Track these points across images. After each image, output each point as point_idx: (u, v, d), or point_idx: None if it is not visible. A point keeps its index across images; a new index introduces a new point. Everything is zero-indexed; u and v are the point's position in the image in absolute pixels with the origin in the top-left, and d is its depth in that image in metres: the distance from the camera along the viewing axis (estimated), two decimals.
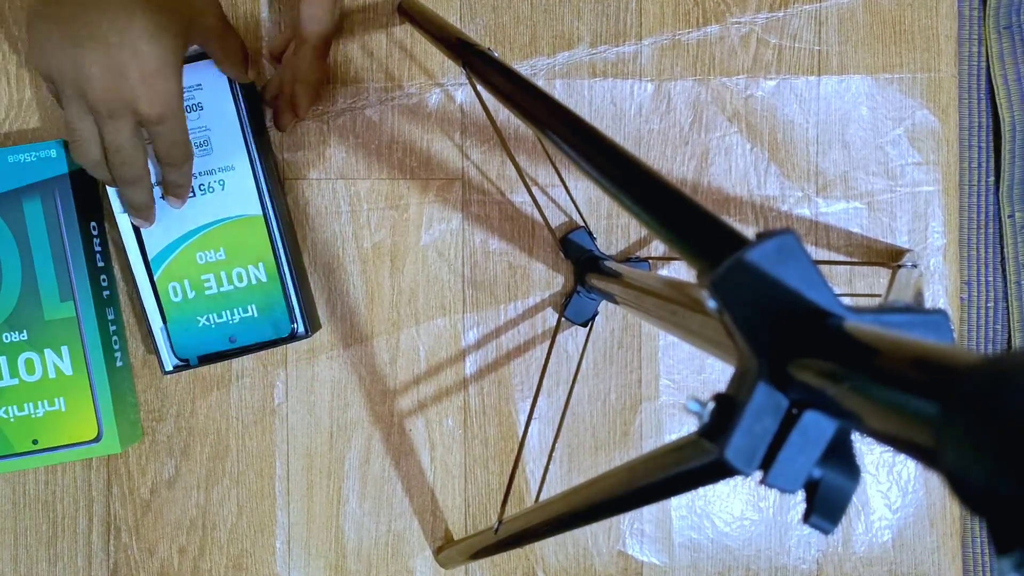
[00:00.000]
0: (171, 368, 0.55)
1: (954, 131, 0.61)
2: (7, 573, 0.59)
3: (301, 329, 0.54)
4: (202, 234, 0.52)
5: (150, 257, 0.53)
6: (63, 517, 0.59)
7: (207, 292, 0.53)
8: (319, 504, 0.60)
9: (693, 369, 0.61)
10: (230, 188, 0.52)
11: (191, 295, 0.53)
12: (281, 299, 0.53)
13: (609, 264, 0.55)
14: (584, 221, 0.60)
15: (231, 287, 0.53)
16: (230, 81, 0.53)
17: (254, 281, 0.53)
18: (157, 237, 0.52)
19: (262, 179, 0.53)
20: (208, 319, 0.53)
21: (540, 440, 0.61)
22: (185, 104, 0.51)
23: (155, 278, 0.53)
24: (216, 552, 0.60)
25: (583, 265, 0.58)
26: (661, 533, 0.61)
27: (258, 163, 0.53)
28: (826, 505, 0.22)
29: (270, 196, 0.53)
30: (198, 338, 0.53)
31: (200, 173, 0.52)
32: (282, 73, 0.57)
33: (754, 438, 0.22)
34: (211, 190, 0.52)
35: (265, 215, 0.53)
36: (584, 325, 0.60)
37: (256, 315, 0.53)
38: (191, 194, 0.52)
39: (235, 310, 0.53)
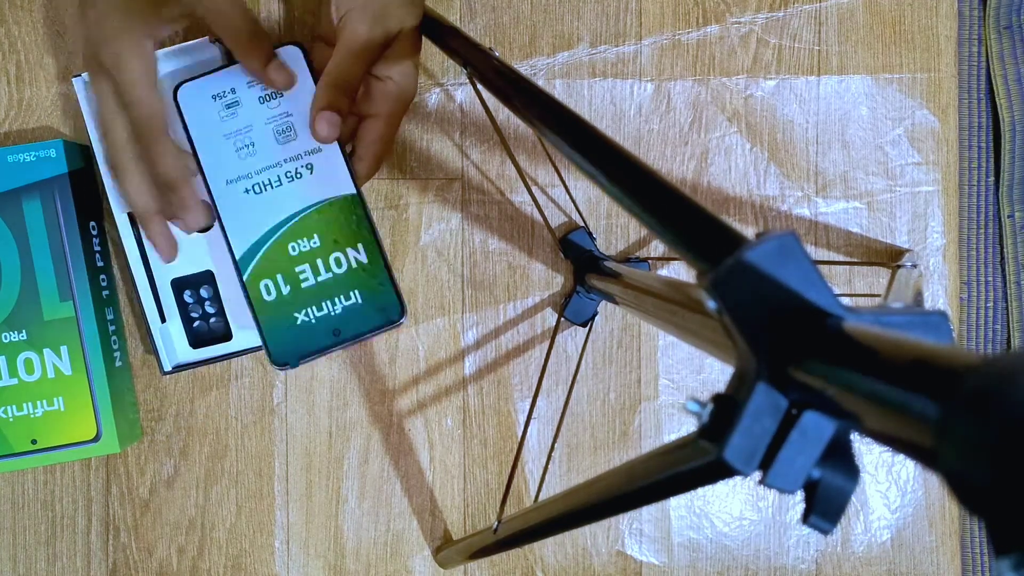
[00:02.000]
0: (170, 369, 0.55)
1: (954, 131, 0.61)
2: (6, 573, 0.59)
3: (405, 317, 0.49)
4: (294, 223, 0.49)
5: (237, 257, 0.49)
6: (62, 517, 0.59)
7: (304, 285, 0.48)
8: (318, 504, 0.60)
9: (692, 369, 0.61)
10: (319, 170, 0.49)
11: (286, 291, 0.48)
12: (387, 280, 0.48)
13: (609, 264, 0.55)
14: (584, 221, 0.60)
15: (330, 275, 0.48)
16: (308, 63, 0.50)
17: (354, 265, 0.48)
18: (242, 235, 0.49)
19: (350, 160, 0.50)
20: (308, 314, 0.48)
21: (539, 440, 0.61)
22: (262, 91, 0.49)
23: (244, 279, 0.48)
24: (215, 552, 0.60)
25: (583, 265, 0.58)
26: (660, 533, 0.61)
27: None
28: (825, 505, 0.22)
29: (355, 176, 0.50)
30: (298, 337, 0.48)
31: (286, 160, 0.49)
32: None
33: (753, 438, 0.22)
34: (299, 176, 0.49)
35: (359, 192, 0.49)
36: (584, 325, 0.60)
37: (360, 301, 0.48)
38: (277, 183, 0.49)
39: (337, 299, 0.48)
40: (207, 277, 0.55)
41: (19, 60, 0.58)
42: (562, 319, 0.59)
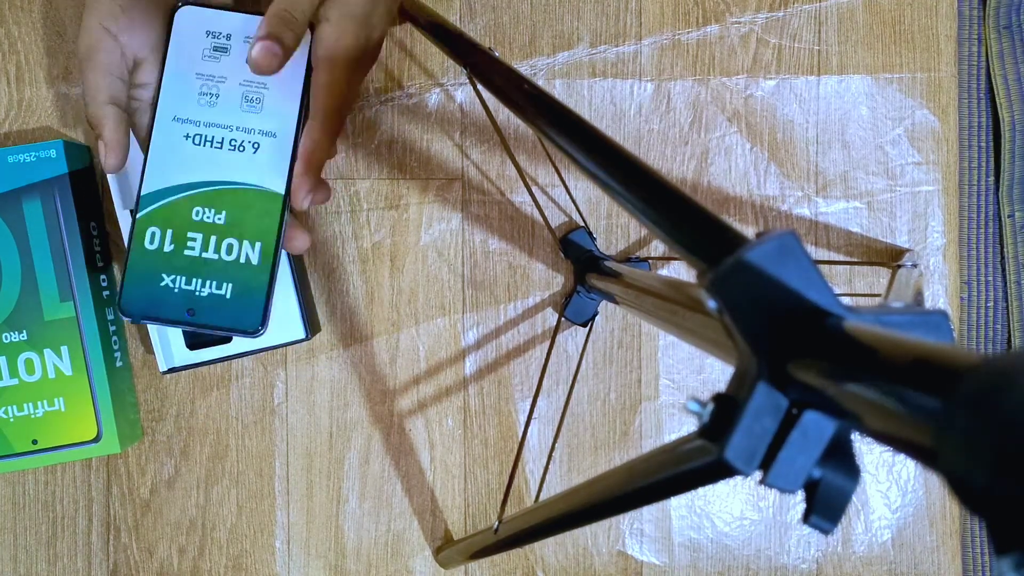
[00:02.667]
0: (166, 368, 0.55)
1: (954, 131, 0.61)
2: (6, 573, 0.59)
3: (262, 329, 0.47)
4: (212, 190, 0.46)
5: (142, 192, 0.46)
6: (62, 517, 0.59)
7: (187, 252, 0.46)
8: (319, 504, 0.60)
9: (693, 369, 0.61)
10: (263, 154, 0.47)
11: (168, 248, 0.46)
12: (264, 290, 0.47)
13: (609, 264, 0.55)
14: (584, 221, 0.60)
15: (216, 256, 0.46)
16: (310, 51, 0.47)
17: (243, 259, 0.46)
18: (159, 174, 0.46)
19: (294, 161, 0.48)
20: (175, 281, 0.46)
21: (540, 440, 0.61)
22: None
23: (137, 216, 0.45)
24: (216, 552, 0.60)
25: (583, 265, 0.58)
26: (661, 533, 0.61)
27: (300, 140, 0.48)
28: (826, 505, 0.22)
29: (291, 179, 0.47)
30: (154, 297, 0.46)
31: (239, 128, 0.47)
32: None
33: (754, 438, 0.22)
34: (242, 149, 0.47)
35: (287, 197, 0.47)
36: (584, 325, 0.60)
37: (228, 296, 0.46)
38: (217, 145, 0.47)
39: (208, 282, 0.46)
40: None
41: (19, 60, 0.58)
42: (562, 319, 0.59)
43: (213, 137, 0.47)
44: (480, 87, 0.44)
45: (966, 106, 0.63)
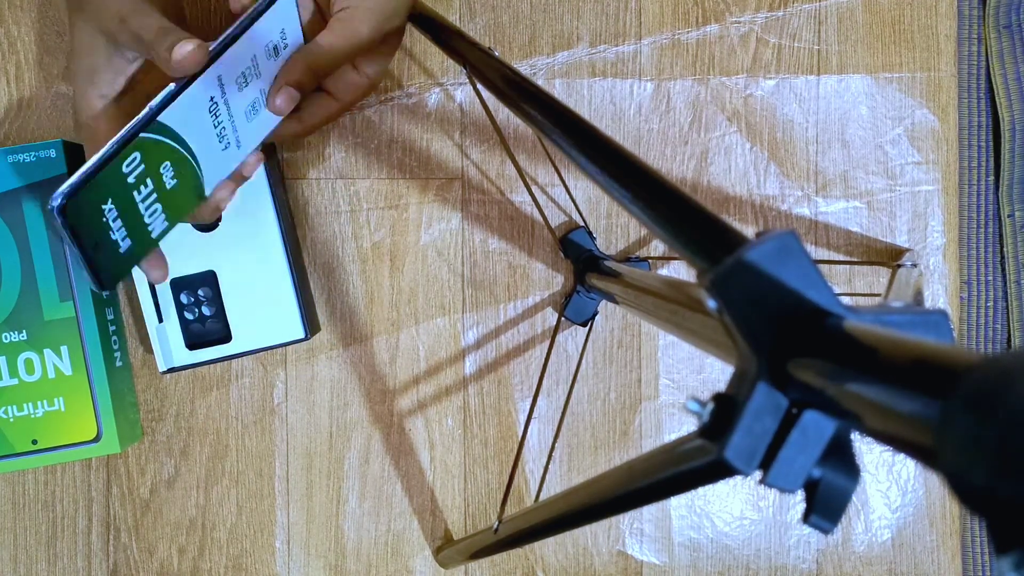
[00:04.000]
0: (166, 368, 0.55)
1: (954, 130, 0.61)
2: (7, 573, 0.59)
3: (106, 292, 0.45)
4: (185, 156, 0.45)
5: (160, 118, 0.42)
6: (62, 517, 0.59)
7: (134, 192, 0.43)
8: (319, 504, 0.60)
9: (693, 369, 0.61)
10: (225, 156, 0.47)
11: (131, 180, 0.42)
12: (139, 259, 0.44)
13: (609, 264, 0.55)
14: (584, 221, 0.60)
15: (143, 212, 0.44)
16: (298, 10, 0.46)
17: (150, 228, 0.44)
18: (178, 113, 0.43)
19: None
20: (110, 209, 0.42)
21: (540, 440, 0.61)
22: (278, 39, 0.46)
23: (142, 135, 0.42)
24: (216, 552, 0.60)
25: (583, 265, 0.58)
26: (661, 533, 0.61)
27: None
28: (826, 505, 0.22)
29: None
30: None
31: (234, 120, 0.46)
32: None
33: (754, 438, 0.22)
34: (221, 139, 0.46)
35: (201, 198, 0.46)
36: (584, 325, 0.60)
37: (121, 251, 0.43)
38: (216, 124, 0.45)
39: (122, 229, 0.43)
40: (207, 278, 0.55)
41: (19, 60, 0.58)
42: (562, 319, 0.59)
43: (218, 115, 0.46)
44: (480, 87, 0.44)
45: (966, 106, 0.63)
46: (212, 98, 0.45)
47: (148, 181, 0.44)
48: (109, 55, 0.43)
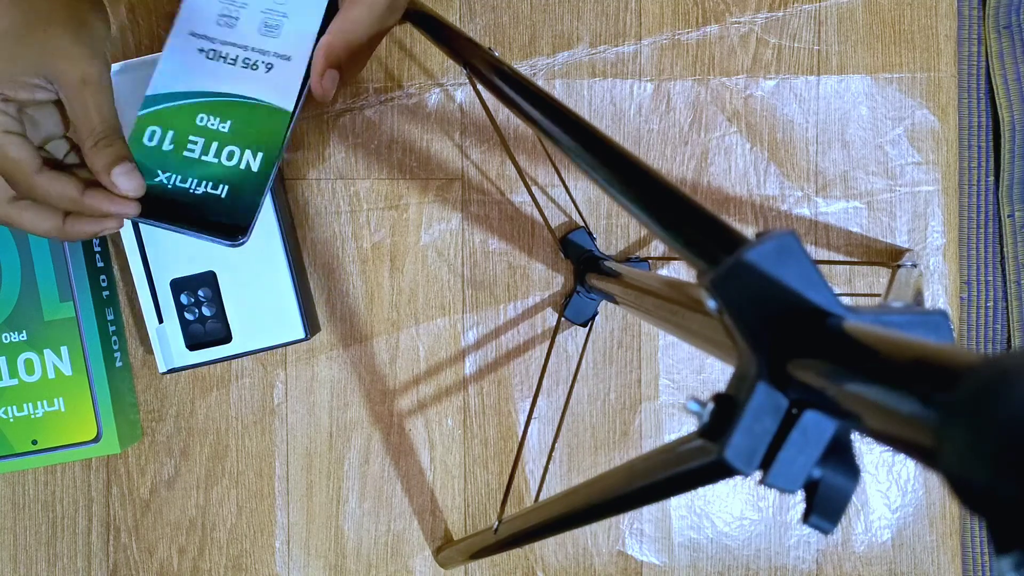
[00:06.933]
0: (166, 369, 0.55)
1: (954, 131, 0.61)
2: (6, 573, 0.59)
3: (244, 239, 0.45)
4: (218, 100, 0.47)
5: (148, 93, 0.45)
6: (62, 517, 0.59)
7: (186, 154, 0.45)
8: (319, 504, 0.60)
9: (693, 369, 0.61)
10: (275, 74, 0.47)
11: (167, 147, 0.45)
12: (259, 196, 0.45)
13: (609, 264, 0.55)
14: (584, 221, 0.60)
15: (215, 160, 0.46)
16: None
17: (243, 166, 0.46)
18: (168, 79, 0.46)
19: (306, 83, 0.48)
20: (171, 179, 0.45)
21: (540, 440, 0.61)
22: None
23: (140, 113, 0.45)
24: (216, 552, 0.60)
25: (583, 265, 0.58)
26: (661, 533, 0.61)
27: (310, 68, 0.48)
28: (826, 505, 0.22)
29: (300, 100, 0.47)
30: (147, 191, 0.44)
31: (254, 49, 0.47)
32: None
33: (754, 438, 0.22)
34: (255, 68, 0.47)
35: (293, 114, 0.47)
36: (584, 325, 0.60)
37: (223, 197, 0.45)
38: (231, 62, 0.47)
39: (205, 183, 0.45)
40: (207, 278, 0.55)
41: None
42: (562, 319, 0.59)
43: (227, 54, 0.47)
44: (480, 87, 0.44)
45: (966, 106, 0.63)
46: (201, 50, 0.46)
47: (191, 138, 0.45)
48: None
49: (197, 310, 0.56)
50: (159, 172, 0.45)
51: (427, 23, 0.49)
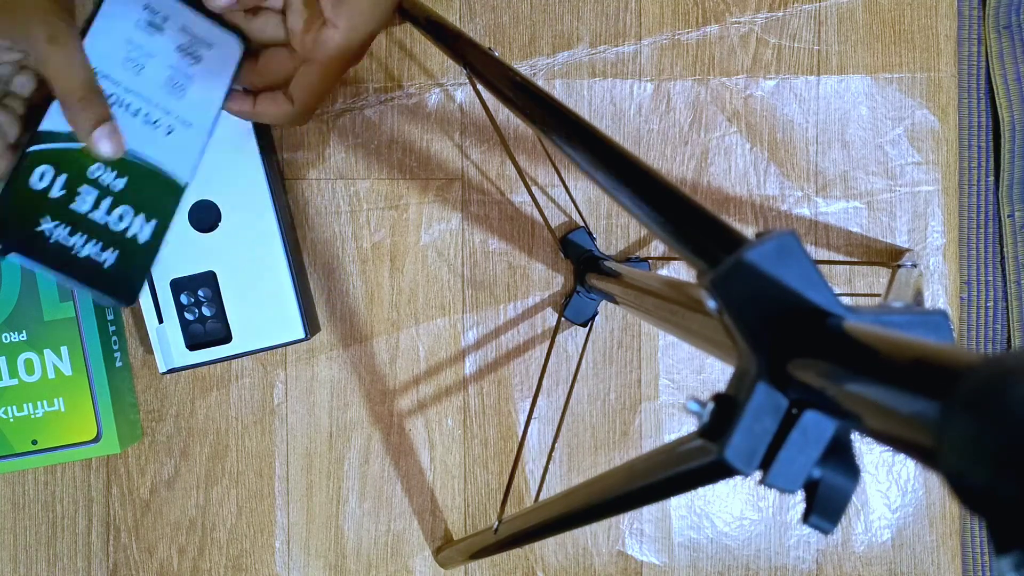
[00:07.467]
0: (166, 369, 0.55)
1: (954, 131, 0.61)
2: (6, 573, 0.59)
3: (127, 306, 0.45)
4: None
5: (41, 128, 0.42)
6: (62, 517, 0.59)
7: (73, 207, 0.42)
8: (319, 504, 0.60)
9: (693, 369, 0.61)
10: (175, 140, 0.46)
11: (56, 194, 0.42)
12: (146, 266, 0.44)
13: (609, 264, 0.55)
14: (584, 221, 0.60)
15: (104, 220, 0.43)
16: (239, 62, 0.48)
17: (131, 232, 0.44)
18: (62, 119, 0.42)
19: (204, 155, 0.47)
20: (54, 232, 0.41)
21: (540, 440, 0.61)
22: (186, 40, 0.46)
23: (28, 149, 0.41)
24: (215, 552, 0.60)
25: (583, 265, 0.58)
26: (661, 533, 0.61)
27: (211, 136, 0.47)
28: (826, 505, 0.22)
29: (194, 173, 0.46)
30: (27, 236, 0.42)
31: (156, 104, 0.46)
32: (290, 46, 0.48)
33: (754, 438, 0.22)
34: (156, 126, 0.46)
35: (185, 187, 0.46)
36: (584, 325, 0.60)
37: (107, 265, 0.43)
38: (133, 113, 0.45)
39: (91, 243, 0.43)
40: (207, 278, 0.55)
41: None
42: (562, 319, 0.59)
43: (130, 104, 0.45)
44: (480, 87, 0.44)
45: (966, 106, 0.63)
46: (106, 91, 0.44)
47: (83, 188, 0.43)
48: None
49: (197, 310, 0.55)
50: (44, 222, 0.41)
51: (427, 23, 0.49)
